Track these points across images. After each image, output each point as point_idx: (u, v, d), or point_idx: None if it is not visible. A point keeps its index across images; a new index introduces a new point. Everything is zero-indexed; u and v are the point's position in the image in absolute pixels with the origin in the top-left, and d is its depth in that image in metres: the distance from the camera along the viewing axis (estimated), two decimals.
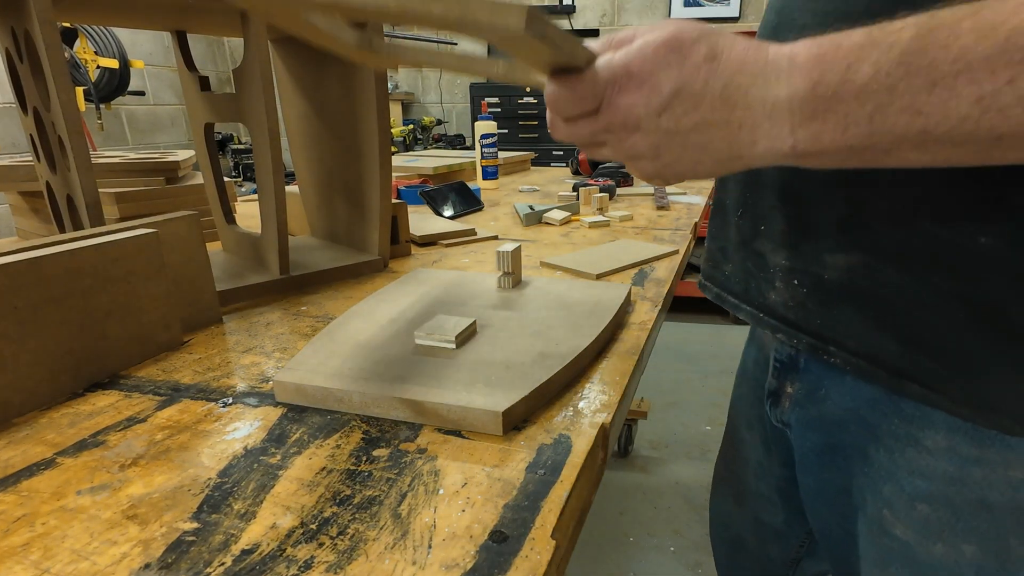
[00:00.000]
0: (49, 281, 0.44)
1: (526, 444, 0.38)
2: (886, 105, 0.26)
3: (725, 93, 0.28)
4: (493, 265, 0.79)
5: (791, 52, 0.28)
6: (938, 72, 0.25)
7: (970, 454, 0.37)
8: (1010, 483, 0.36)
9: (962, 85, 0.24)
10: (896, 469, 0.40)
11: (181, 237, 0.56)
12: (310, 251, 0.82)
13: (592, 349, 0.49)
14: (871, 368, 0.38)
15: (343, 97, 0.75)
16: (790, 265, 0.41)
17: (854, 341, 0.39)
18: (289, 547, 0.30)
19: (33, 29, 0.51)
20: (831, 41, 0.27)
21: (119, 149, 2.90)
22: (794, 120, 0.28)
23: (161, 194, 0.88)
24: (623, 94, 0.29)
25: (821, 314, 0.40)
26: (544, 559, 0.28)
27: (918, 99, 0.25)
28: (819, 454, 0.47)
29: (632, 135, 0.30)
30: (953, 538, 0.39)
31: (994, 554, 0.38)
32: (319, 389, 0.43)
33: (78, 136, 0.55)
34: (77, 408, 0.44)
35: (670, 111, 0.29)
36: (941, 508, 0.39)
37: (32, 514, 0.33)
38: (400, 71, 3.62)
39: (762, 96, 0.28)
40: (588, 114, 0.31)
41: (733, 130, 0.29)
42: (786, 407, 0.50)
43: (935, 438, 0.38)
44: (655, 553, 1.46)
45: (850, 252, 0.37)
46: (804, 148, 0.28)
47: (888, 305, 0.37)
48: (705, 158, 0.30)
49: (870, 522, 0.44)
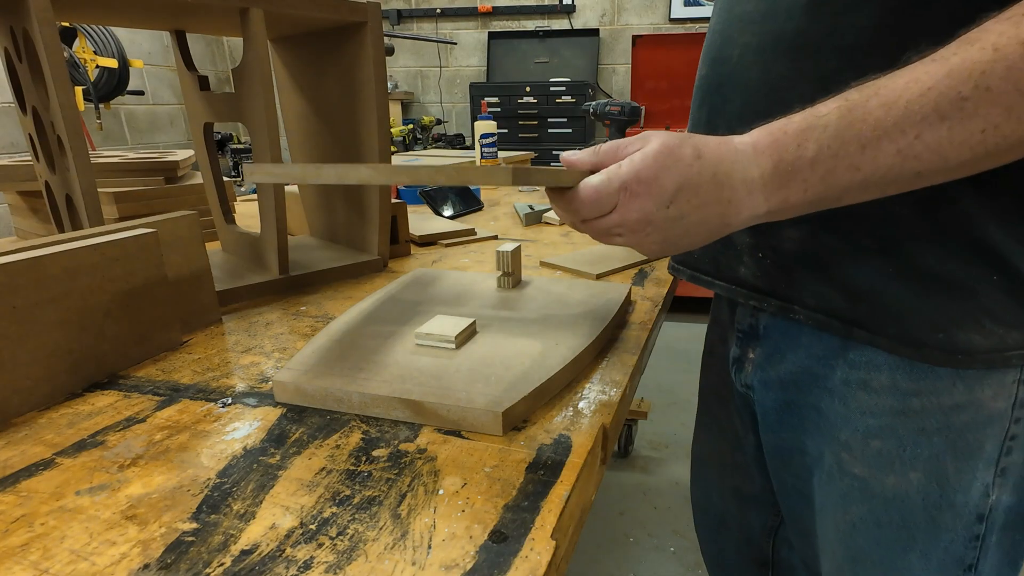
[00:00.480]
0: (48, 281, 0.44)
1: (526, 444, 0.38)
2: (832, 168, 0.35)
3: (715, 178, 0.36)
4: (493, 265, 0.79)
5: (752, 141, 0.37)
6: (864, 138, 0.34)
7: (909, 388, 0.44)
8: (941, 409, 0.43)
9: (884, 144, 0.34)
10: (850, 413, 0.47)
11: (180, 237, 0.56)
12: (309, 251, 0.82)
13: (592, 349, 0.49)
14: (827, 320, 0.46)
15: (342, 97, 0.75)
16: (754, 242, 0.49)
17: (812, 299, 0.46)
18: (288, 547, 0.30)
19: (32, 28, 0.51)
20: (779, 129, 0.36)
21: (118, 149, 2.90)
22: (767, 191, 0.36)
23: (160, 194, 0.88)
24: (635, 198, 0.36)
25: (784, 279, 0.48)
26: (544, 559, 0.28)
27: (855, 159, 0.34)
28: (777, 412, 0.53)
29: (645, 227, 0.37)
30: (902, 467, 0.45)
31: (935, 479, 0.44)
32: (318, 389, 0.43)
33: (77, 136, 0.55)
34: (76, 408, 0.44)
35: (676, 202, 0.36)
36: (889, 440, 0.45)
37: (31, 514, 0.33)
38: (399, 69, 3.62)
39: (742, 177, 0.36)
40: (606, 214, 0.37)
41: (724, 206, 0.37)
42: (749, 371, 0.56)
43: (880, 379, 0.45)
44: (655, 553, 1.46)
45: (800, 226, 0.45)
46: (776, 209, 0.37)
47: (832, 266, 0.45)
48: (702, 231, 0.38)
49: (828, 471, 0.49)
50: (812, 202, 0.36)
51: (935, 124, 0.32)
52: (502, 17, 3.43)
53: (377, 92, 0.70)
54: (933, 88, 0.32)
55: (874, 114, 0.34)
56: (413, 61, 3.62)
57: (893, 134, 0.33)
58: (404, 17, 3.50)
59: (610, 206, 0.37)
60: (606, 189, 0.36)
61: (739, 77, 0.47)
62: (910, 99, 0.33)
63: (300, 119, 0.84)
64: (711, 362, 0.67)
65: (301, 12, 0.64)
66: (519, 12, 3.39)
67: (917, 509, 0.46)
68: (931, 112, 0.32)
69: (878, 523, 0.47)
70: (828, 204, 0.37)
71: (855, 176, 0.35)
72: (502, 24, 3.45)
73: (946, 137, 0.33)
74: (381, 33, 0.70)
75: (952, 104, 0.32)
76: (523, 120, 3.14)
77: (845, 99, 0.35)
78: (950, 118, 0.32)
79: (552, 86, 3.06)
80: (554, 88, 3.05)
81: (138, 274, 0.50)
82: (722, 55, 0.49)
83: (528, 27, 3.42)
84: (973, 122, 0.32)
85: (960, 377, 0.43)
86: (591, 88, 3.12)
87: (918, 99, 0.33)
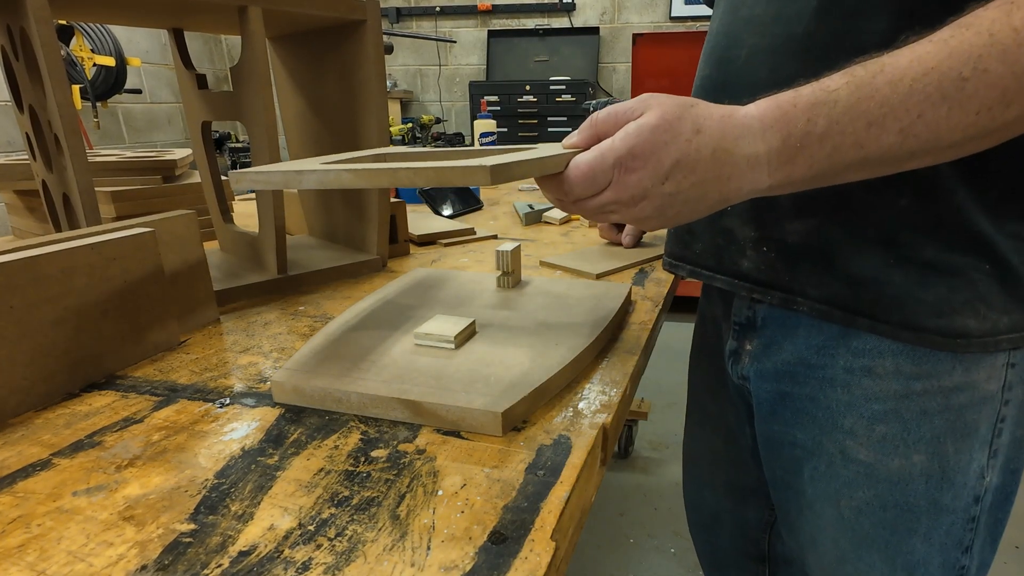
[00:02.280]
0: (45, 281, 0.43)
1: (526, 445, 0.38)
2: (839, 144, 0.35)
3: (714, 156, 0.35)
4: (493, 265, 0.79)
5: (759, 115, 0.36)
6: (871, 115, 0.34)
7: (911, 371, 0.45)
8: (942, 390, 0.45)
9: (889, 122, 0.34)
10: (854, 400, 0.48)
11: (178, 236, 0.56)
12: (308, 250, 0.82)
13: (592, 349, 0.49)
14: (829, 309, 0.47)
15: (341, 95, 0.75)
16: (758, 236, 0.49)
17: (815, 290, 0.47)
18: (287, 549, 0.29)
19: (29, 26, 0.51)
20: (788, 102, 0.36)
21: (116, 147, 2.89)
22: (771, 167, 0.36)
23: (158, 193, 0.87)
24: (630, 173, 0.35)
25: (788, 271, 0.49)
26: (544, 561, 0.28)
27: (860, 136, 0.34)
28: (772, 403, 0.54)
29: (640, 203, 0.36)
30: (906, 450, 0.47)
31: (937, 460, 0.46)
32: (317, 389, 0.42)
33: (74, 134, 0.54)
34: (73, 408, 0.44)
35: (671, 178, 0.35)
36: (894, 423, 0.47)
37: (28, 515, 0.32)
38: (399, 68, 3.61)
39: (744, 153, 0.36)
40: (599, 192, 0.37)
41: (723, 182, 0.36)
42: (745, 363, 0.57)
43: (884, 364, 0.46)
44: (655, 555, 1.46)
45: (806, 218, 0.46)
46: (779, 184, 0.37)
47: (836, 257, 0.46)
48: (701, 207, 0.37)
49: (829, 462, 0.50)
50: (813, 178, 0.37)
51: (937, 104, 0.33)
52: (502, 15, 3.43)
53: (376, 91, 0.70)
54: (935, 68, 0.33)
55: (881, 91, 0.34)
56: (412, 59, 3.61)
57: (899, 112, 0.34)
58: (403, 15, 3.49)
59: (604, 183, 0.36)
60: (600, 166, 0.36)
61: (746, 77, 0.47)
62: (915, 77, 0.33)
63: (299, 118, 0.84)
64: (701, 358, 0.68)
65: (300, 10, 0.64)
66: (519, 10, 3.39)
67: (920, 491, 0.47)
68: (934, 91, 0.33)
69: (883, 506, 0.48)
70: (826, 181, 0.37)
71: (858, 153, 0.35)
72: (502, 22, 3.44)
73: (944, 117, 0.33)
74: (380, 31, 0.70)
75: (954, 84, 0.33)
76: (523, 119, 3.13)
77: (852, 75, 0.35)
78: (950, 99, 0.33)
79: (552, 85, 3.05)
80: (554, 87, 3.05)
81: (136, 274, 0.50)
82: (728, 56, 0.49)
83: (528, 25, 3.41)
84: (971, 103, 0.33)
85: (959, 360, 0.44)
86: (591, 87, 3.12)
87: (922, 78, 0.33)
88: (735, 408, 0.63)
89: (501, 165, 0.34)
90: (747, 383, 0.57)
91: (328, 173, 0.38)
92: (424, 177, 0.35)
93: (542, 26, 3.38)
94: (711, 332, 0.65)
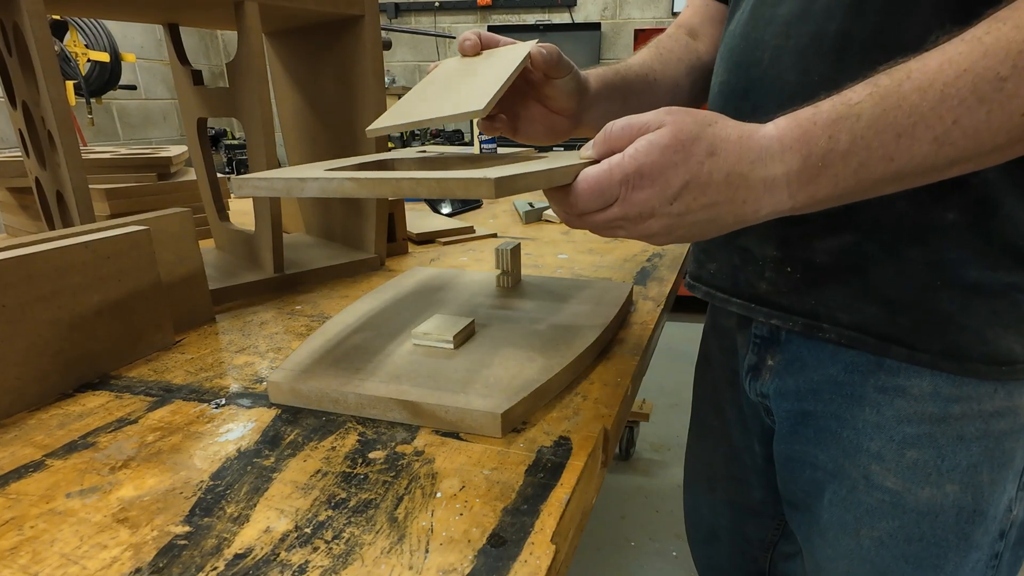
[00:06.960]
0: (38, 279, 0.43)
1: (525, 446, 0.38)
2: (866, 160, 0.33)
3: (728, 180, 0.34)
4: (492, 263, 0.79)
5: (778, 135, 0.34)
6: (900, 126, 0.32)
7: (951, 393, 0.42)
8: (982, 415, 0.42)
9: (920, 132, 0.32)
10: (884, 422, 0.45)
11: (173, 234, 0.55)
12: (305, 249, 0.81)
13: (593, 349, 0.48)
14: (860, 336, 0.44)
15: (339, 91, 0.74)
16: (781, 255, 0.46)
17: (845, 315, 0.44)
18: (283, 551, 0.29)
19: (22, 22, 0.50)
20: (808, 119, 0.34)
21: (110, 144, 2.88)
22: (791, 188, 0.34)
23: (153, 190, 0.87)
24: (637, 191, 0.34)
25: (814, 295, 0.45)
26: (543, 564, 0.28)
27: (889, 149, 0.32)
28: (793, 423, 0.51)
29: (647, 220, 0.35)
30: (938, 478, 0.43)
31: (971, 492, 0.43)
32: (314, 390, 0.42)
33: (68, 131, 0.54)
34: (67, 409, 0.43)
35: (680, 199, 0.34)
36: (927, 449, 0.43)
37: (20, 517, 0.32)
38: (397, 64, 3.60)
39: (761, 176, 0.34)
40: (606, 207, 0.36)
41: (738, 205, 0.34)
42: (766, 379, 0.53)
43: (920, 385, 0.43)
44: (657, 558, 1.46)
45: (841, 235, 0.43)
46: (803, 205, 0.35)
47: (872, 278, 0.42)
48: (712, 228, 0.36)
49: (852, 486, 0.47)
50: (842, 196, 0.35)
51: (974, 108, 0.31)
52: (502, 11, 3.42)
53: (374, 87, 0.70)
54: (969, 70, 0.31)
55: (909, 99, 0.32)
56: (411, 55, 3.60)
57: (930, 120, 0.31)
58: (402, 10, 3.48)
59: (611, 199, 0.35)
60: (607, 181, 0.34)
61: (772, 81, 0.44)
62: (946, 82, 0.31)
63: (296, 114, 0.83)
64: (707, 371, 0.65)
65: (297, 5, 0.63)
66: (519, 5, 3.38)
67: (950, 524, 0.44)
68: (969, 95, 0.31)
69: (908, 539, 0.45)
70: (857, 197, 0.35)
71: (888, 167, 0.33)
72: (502, 18, 3.43)
73: (984, 121, 0.31)
74: (378, 27, 0.69)
75: (991, 86, 0.30)
76: None
77: (876, 84, 0.33)
78: (989, 101, 0.31)
79: None
80: None
81: (130, 272, 0.49)
82: (748, 59, 0.46)
83: (528, 21, 3.40)
84: (1012, 103, 0.30)
85: (1002, 383, 0.42)
86: None
87: (954, 82, 0.31)
88: (742, 425, 0.60)
89: (506, 178, 0.33)
90: (766, 400, 0.54)
91: (331, 181, 0.37)
92: (427, 188, 0.34)
93: (543, 21, 3.37)
94: (721, 344, 0.61)
